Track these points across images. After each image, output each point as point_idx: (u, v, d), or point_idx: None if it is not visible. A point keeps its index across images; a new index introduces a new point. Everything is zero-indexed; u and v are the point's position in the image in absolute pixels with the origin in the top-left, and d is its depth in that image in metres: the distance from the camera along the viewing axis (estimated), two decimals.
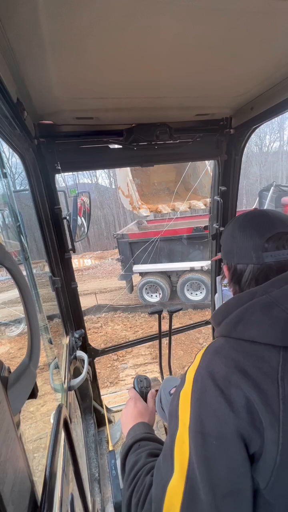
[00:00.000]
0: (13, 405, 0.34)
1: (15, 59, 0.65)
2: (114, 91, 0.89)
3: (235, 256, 0.65)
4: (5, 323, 3.68)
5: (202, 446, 0.45)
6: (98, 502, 1.39)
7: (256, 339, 0.50)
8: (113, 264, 12.67)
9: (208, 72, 0.84)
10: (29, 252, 1.09)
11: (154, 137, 1.18)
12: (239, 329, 0.52)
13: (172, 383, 1.23)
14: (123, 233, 7.38)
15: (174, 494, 0.45)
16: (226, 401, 0.45)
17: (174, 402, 0.54)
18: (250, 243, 0.61)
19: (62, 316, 1.42)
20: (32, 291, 1.12)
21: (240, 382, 0.46)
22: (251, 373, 0.46)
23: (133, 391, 0.91)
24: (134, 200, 5.31)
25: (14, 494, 0.31)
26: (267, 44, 0.73)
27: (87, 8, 0.53)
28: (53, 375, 1.09)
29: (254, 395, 0.44)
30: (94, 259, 15.16)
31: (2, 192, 1.05)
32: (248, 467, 0.44)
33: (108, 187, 22.84)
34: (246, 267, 0.62)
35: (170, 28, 0.61)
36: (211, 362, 0.51)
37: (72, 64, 0.71)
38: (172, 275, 7.42)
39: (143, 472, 0.57)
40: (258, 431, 0.44)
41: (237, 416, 0.44)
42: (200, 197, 5.74)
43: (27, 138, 0.97)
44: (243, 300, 0.57)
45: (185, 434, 0.48)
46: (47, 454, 0.53)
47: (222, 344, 0.54)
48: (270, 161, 21.68)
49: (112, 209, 21.60)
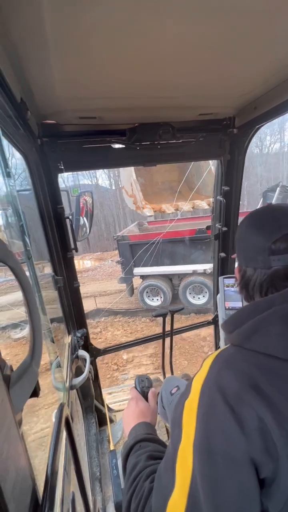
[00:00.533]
0: (15, 403, 0.34)
1: (19, 59, 0.65)
2: (117, 91, 0.89)
3: (244, 259, 0.60)
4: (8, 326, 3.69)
5: (207, 465, 0.42)
6: (99, 501, 1.39)
7: (274, 353, 0.45)
8: (113, 266, 12.47)
9: (211, 71, 0.83)
10: (33, 251, 1.09)
11: (157, 136, 1.18)
12: (253, 340, 0.48)
13: (173, 382, 1.23)
14: (124, 235, 7.19)
15: (176, 510, 0.43)
16: (236, 421, 0.41)
17: (178, 411, 0.50)
18: (256, 245, 0.56)
19: (64, 316, 1.42)
20: (35, 290, 1.12)
21: (253, 400, 0.42)
22: (266, 391, 0.42)
23: (135, 391, 0.91)
24: (138, 199, 5.32)
25: (15, 492, 0.31)
26: (270, 43, 0.72)
27: (91, 9, 0.53)
28: (55, 374, 1.09)
29: (269, 416, 0.40)
30: (94, 261, 15.03)
31: (5, 191, 1.05)
32: (258, 492, 0.40)
33: (108, 188, 22.84)
34: (254, 271, 0.58)
35: (173, 27, 0.61)
36: (221, 375, 0.47)
37: (75, 64, 0.71)
38: (174, 278, 7.18)
39: (143, 476, 0.55)
40: (271, 456, 0.39)
41: (248, 440, 0.40)
42: (203, 196, 5.73)
43: (30, 138, 0.98)
44: (260, 309, 0.51)
45: (188, 449, 0.45)
46: (48, 453, 0.53)
47: (234, 355, 0.49)
48: (271, 163, 21.57)
49: (112, 210, 21.59)
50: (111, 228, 21.06)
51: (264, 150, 22.03)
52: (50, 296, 1.35)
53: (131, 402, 0.86)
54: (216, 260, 1.79)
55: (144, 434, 0.70)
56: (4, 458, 0.29)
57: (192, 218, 8.39)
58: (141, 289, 7.29)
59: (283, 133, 21.37)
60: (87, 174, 21.52)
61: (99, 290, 9.61)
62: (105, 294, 9.28)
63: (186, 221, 7.93)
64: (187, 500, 0.42)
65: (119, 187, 19.99)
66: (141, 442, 0.66)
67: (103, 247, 18.79)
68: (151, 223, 8.62)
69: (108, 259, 14.53)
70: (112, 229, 20.66)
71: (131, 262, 6.94)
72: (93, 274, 12.43)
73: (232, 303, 1.67)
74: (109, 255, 15.67)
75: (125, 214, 20.67)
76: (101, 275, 12.16)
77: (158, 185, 6.10)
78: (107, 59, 0.71)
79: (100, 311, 7.25)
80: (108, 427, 1.79)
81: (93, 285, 10.53)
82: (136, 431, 0.72)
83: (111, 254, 15.13)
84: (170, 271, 7.00)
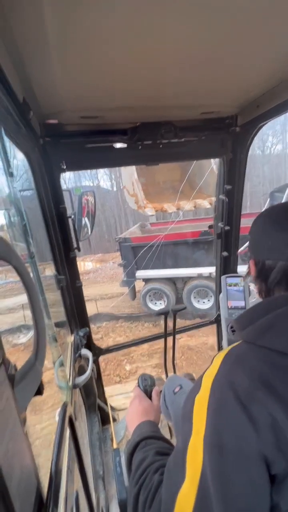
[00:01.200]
0: (19, 402, 0.35)
1: (21, 59, 0.65)
2: (118, 90, 0.89)
3: (265, 250, 0.59)
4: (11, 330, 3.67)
5: (218, 460, 0.42)
6: (103, 499, 1.39)
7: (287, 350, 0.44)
8: (114, 268, 12.24)
9: (213, 70, 0.83)
10: (34, 251, 1.09)
11: (159, 136, 1.18)
12: (267, 337, 0.47)
13: (176, 381, 1.23)
14: (126, 237, 6.89)
15: (185, 503, 0.43)
16: (248, 418, 0.41)
17: (188, 405, 0.50)
18: (283, 237, 0.56)
19: (67, 315, 1.43)
20: (38, 290, 1.13)
21: (265, 398, 0.42)
22: (279, 389, 0.42)
23: (138, 390, 0.92)
24: (140, 199, 5.31)
25: (20, 490, 0.31)
26: (273, 40, 0.72)
27: (92, 8, 0.53)
28: (58, 373, 1.10)
29: (282, 414, 0.40)
30: (95, 262, 14.90)
31: (7, 191, 1.06)
32: (268, 488, 0.41)
33: (110, 190, 22.83)
34: (275, 263, 0.57)
35: (174, 26, 0.61)
36: (232, 372, 0.47)
37: (77, 64, 0.71)
38: (178, 281, 6.91)
39: (151, 470, 0.56)
40: (284, 453, 0.40)
41: (260, 437, 0.40)
42: (205, 195, 5.71)
43: (32, 138, 0.98)
44: (276, 305, 0.51)
45: (199, 444, 0.45)
46: (52, 451, 0.53)
47: (245, 352, 0.49)
48: (273, 164, 21.42)
49: (113, 211, 21.59)
50: (112, 229, 21.05)
51: (266, 151, 21.90)
52: (53, 295, 1.35)
53: (135, 401, 0.86)
54: (218, 259, 1.78)
55: (150, 431, 0.70)
56: (10, 456, 0.29)
57: (196, 220, 8.19)
58: (144, 292, 7.01)
59: (286, 134, 21.22)
60: (88, 176, 21.57)
61: (100, 293, 9.38)
62: (106, 297, 9.06)
63: (190, 222, 7.76)
64: (196, 494, 0.43)
65: (121, 189, 19.97)
66: (147, 439, 0.67)
67: (105, 249, 18.74)
68: (154, 225, 8.44)
69: (109, 261, 14.33)
70: (113, 230, 20.64)
71: (132, 265, 6.72)
72: (94, 277, 12.20)
73: (235, 302, 1.66)
74: (110, 256, 15.49)
75: (126, 216, 20.64)
76: (102, 278, 11.94)
77: (160, 184, 6.07)
78: (109, 58, 0.71)
79: (101, 316, 7.04)
80: (111, 425, 1.80)
81: (94, 288, 10.30)
82: (141, 429, 0.73)
83: (113, 256, 14.96)
84: (174, 274, 6.72)
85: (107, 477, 1.51)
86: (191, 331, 2.12)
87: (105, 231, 21.12)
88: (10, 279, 3.56)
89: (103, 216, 20.96)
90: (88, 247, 18.45)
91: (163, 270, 6.72)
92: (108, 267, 13.49)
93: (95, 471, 1.50)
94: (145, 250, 6.40)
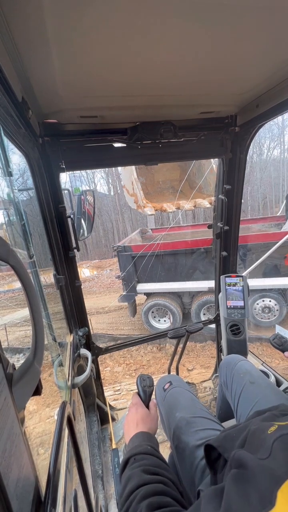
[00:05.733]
0: (17, 401, 0.35)
1: (20, 58, 0.65)
2: (118, 89, 0.89)
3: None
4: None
5: None
6: (101, 499, 1.40)
7: None
8: (112, 276, 11.36)
9: (213, 69, 0.83)
10: (34, 251, 1.09)
11: (158, 135, 1.18)
12: None
13: (166, 379, 1.25)
14: (125, 245, 5.89)
15: None
16: None
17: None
18: None
19: (66, 314, 1.42)
20: (37, 289, 1.13)
21: None
22: None
23: (136, 397, 0.91)
24: (139, 198, 5.30)
25: (18, 489, 0.31)
26: (273, 40, 0.72)
27: (91, 7, 0.53)
28: (57, 373, 1.10)
29: None
30: (91, 269, 14.31)
31: (7, 190, 1.06)
32: None
33: (107, 194, 22.66)
34: None
35: (174, 25, 0.61)
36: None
37: (77, 63, 0.71)
38: (184, 296, 5.97)
39: (137, 496, 0.53)
40: None
41: None
42: (205, 195, 5.71)
43: (32, 137, 0.98)
44: None
45: None
46: (51, 450, 0.53)
47: None
48: (271, 168, 21.33)
49: (110, 215, 21.40)
50: (109, 234, 20.82)
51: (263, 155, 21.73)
52: (53, 295, 1.35)
53: (132, 409, 0.86)
54: (217, 259, 1.79)
55: (140, 446, 0.69)
56: (7, 455, 0.29)
57: (202, 225, 7.35)
58: (146, 309, 6.06)
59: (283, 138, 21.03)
60: (85, 180, 21.44)
61: (96, 307, 8.26)
62: (103, 311, 8.05)
63: (195, 228, 7.10)
64: None
65: (118, 193, 19.63)
66: (136, 455, 0.66)
67: (101, 254, 18.43)
68: (156, 231, 7.65)
69: (106, 268, 13.56)
70: (110, 236, 20.43)
71: (134, 278, 5.77)
72: (89, 286, 10.99)
73: (234, 302, 1.66)
74: (107, 263, 14.84)
75: (123, 220, 20.37)
76: (98, 287, 10.79)
77: (159, 184, 6.06)
78: (108, 58, 0.70)
79: (97, 338, 5.90)
80: (110, 425, 1.80)
81: (89, 300, 9.07)
82: (133, 442, 0.73)
83: (110, 262, 14.38)
84: (181, 288, 5.77)
85: (106, 477, 1.51)
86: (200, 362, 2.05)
87: (102, 236, 20.82)
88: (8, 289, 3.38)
89: (100, 221, 20.66)
90: (85, 252, 18.19)
91: (167, 284, 5.83)
92: (105, 275, 12.42)
93: (94, 470, 1.50)
94: (147, 260, 5.60)
